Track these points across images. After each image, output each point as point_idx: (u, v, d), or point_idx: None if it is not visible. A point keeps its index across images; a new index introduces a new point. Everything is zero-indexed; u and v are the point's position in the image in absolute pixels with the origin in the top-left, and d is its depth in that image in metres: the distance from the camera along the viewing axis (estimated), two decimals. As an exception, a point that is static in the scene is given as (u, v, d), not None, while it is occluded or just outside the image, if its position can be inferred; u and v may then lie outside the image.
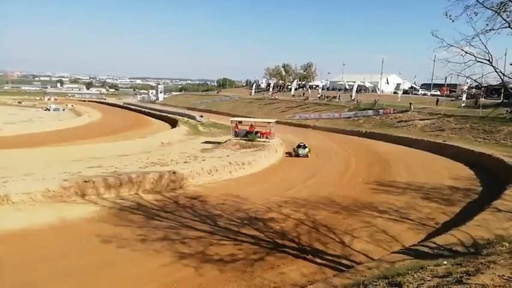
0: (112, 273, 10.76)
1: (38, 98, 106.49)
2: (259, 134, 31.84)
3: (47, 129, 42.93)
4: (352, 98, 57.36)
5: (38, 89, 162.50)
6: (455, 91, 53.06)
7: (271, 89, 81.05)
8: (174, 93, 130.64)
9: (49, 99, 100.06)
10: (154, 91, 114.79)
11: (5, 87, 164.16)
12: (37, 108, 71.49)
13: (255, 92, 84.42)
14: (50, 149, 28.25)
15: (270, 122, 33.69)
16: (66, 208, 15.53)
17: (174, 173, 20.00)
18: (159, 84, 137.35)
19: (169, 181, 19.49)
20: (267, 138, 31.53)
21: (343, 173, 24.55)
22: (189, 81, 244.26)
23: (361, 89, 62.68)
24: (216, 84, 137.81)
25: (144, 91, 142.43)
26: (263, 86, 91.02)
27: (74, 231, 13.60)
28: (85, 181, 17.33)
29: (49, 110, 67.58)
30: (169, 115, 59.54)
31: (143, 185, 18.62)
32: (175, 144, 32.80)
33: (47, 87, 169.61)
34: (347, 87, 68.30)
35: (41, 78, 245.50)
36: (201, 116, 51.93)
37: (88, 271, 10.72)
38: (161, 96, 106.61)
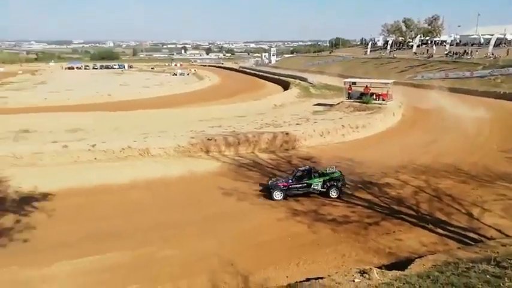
0: (232, 223, 11.89)
1: (166, 64, 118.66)
2: (374, 96, 30.08)
3: (175, 92, 47.85)
4: (489, 54, 49.22)
5: (166, 55, 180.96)
6: None
7: (389, 47, 74.69)
8: (286, 55, 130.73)
9: (175, 65, 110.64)
10: (267, 54, 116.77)
11: (140, 55, 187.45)
12: (166, 74, 79.90)
13: (370, 51, 78.87)
14: (178, 109, 31.68)
15: (388, 83, 31.38)
16: (194, 162, 17.44)
17: (287, 134, 20.51)
18: (271, 47, 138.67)
19: (283, 142, 20.11)
20: (383, 100, 29.58)
21: (474, 138, 21.76)
22: (301, 43, 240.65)
23: (500, 42, 53.19)
24: (328, 44, 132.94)
25: (258, 54, 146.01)
26: (380, 44, 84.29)
27: (200, 183, 15.26)
28: (208, 139, 19.08)
29: (176, 75, 74.87)
30: (281, 78, 60.19)
31: (259, 145, 19.64)
32: (287, 106, 33.30)
33: (173, 54, 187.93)
34: (482, 41, 58.70)
35: (168, 46, 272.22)
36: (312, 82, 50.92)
37: (211, 220, 12.07)
38: (273, 59, 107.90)
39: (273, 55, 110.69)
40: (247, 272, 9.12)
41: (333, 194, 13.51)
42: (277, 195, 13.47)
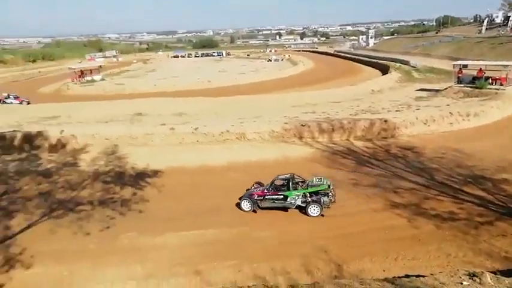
0: (325, 209, 11.75)
1: (261, 50, 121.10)
2: (490, 80, 26.56)
3: (270, 78, 48.67)
4: None
5: (261, 42, 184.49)
6: None
7: (510, 24, 64.69)
8: (385, 37, 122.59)
9: (270, 51, 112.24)
10: (364, 37, 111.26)
11: (237, 42, 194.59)
12: (261, 60, 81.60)
13: (486, 29, 69.40)
14: (272, 95, 32.24)
15: (507, 65, 27.34)
16: (287, 148, 17.67)
17: (385, 121, 19.42)
18: (369, 29, 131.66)
19: (381, 129, 19.11)
20: (501, 85, 25.97)
21: None
22: (402, 23, 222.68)
23: None
24: (434, 23, 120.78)
25: (354, 37, 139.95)
26: (498, 20, 73.53)
27: (294, 168, 15.12)
28: (302, 125, 19.08)
29: (271, 60, 75.99)
30: (379, 61, 56.90)
31: (354, 132, 18.99)
32: (386, 92, 31.47)
33: (268, 40, 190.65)
34: None
35: (263, 32, 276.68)
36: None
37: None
38: (371, 42, 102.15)
39: (370, 37, 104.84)
40: (341, 260, 9.02)
41: (313, 211, 11.28)
42: (245, 205, 11.82)
